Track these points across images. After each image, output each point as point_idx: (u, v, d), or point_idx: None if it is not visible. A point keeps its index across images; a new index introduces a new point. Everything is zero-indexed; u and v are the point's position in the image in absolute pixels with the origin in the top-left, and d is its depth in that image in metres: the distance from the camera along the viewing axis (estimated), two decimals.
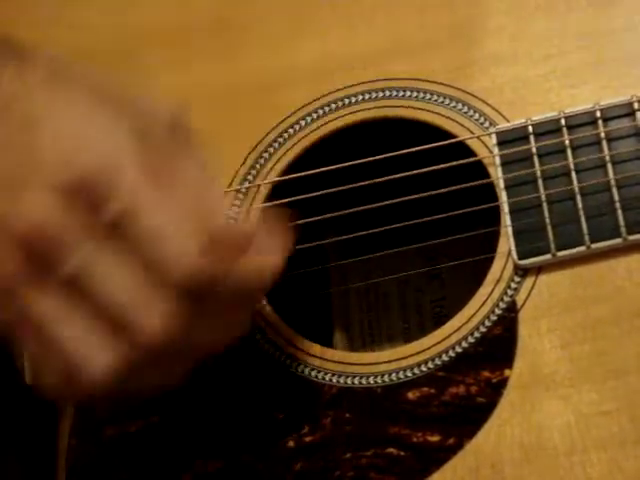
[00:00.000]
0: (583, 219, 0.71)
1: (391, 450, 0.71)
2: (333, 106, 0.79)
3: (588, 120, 0.73)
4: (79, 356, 0.61)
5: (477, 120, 0.76)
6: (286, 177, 0.79)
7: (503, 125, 0.75)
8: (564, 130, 0.73)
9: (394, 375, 0.73)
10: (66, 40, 0.84)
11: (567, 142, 0.73)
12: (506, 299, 0.72)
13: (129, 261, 0.61)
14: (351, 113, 0.79)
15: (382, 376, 0.73)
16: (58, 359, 0.62)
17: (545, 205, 0.72)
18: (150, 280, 0.61)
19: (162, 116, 0.65)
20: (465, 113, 0.77)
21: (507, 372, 0.70)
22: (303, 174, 0.78)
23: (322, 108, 0.79)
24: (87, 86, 0.65)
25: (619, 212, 0.70)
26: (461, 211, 0.75)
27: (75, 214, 0.61)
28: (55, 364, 0.62)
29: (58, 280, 0.61)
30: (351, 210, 0.77)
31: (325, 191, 0.76)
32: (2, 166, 0.62)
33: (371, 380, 0.73)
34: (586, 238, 0.71)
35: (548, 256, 0.71)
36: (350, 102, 0.79)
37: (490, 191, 0.75)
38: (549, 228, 0.71)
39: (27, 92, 0.64)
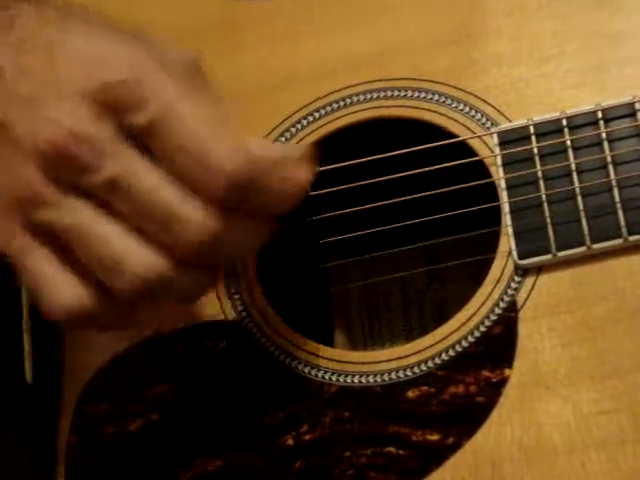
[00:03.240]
0: (584, 219, 0.71)
1: (390, 449, 0.71)
2: (335, 106, 0.80)
3: (589, 121, 0.73)
4: (123, 255, 0.62)
5: (479, 120, 0.76)
6: None
7: (505, 125, 0.75)
8: (565, 131, 0.73)
9: (394, 374, 0.73)
10: None
11: (568, 142, 0.73)
12: (506, 299, 0.72)
13: (167, 164, 0.62)
14: (352, 113, 0.79)
15: (382, 375, 0.73)
16: (98, 262, 0.62)
17: (546, 205, 0.72)
18: (190, 180, 0.62)
19: (179, 55, 0.64)
20: (467, 113, 0.77)
21: (507, 371, 0.70)
22: None
23: (323, 108, 0.79)
24: (103, 22, 0.65)
25: (620, 213, 0.70)
26: (462, 211, 0.75)
27: (106, 120, 0.61)
28: (85, 274, 0.63)
29: (93, 188, 0.61)
30: (352, 209, 0.77)
31: (326, 190, 0.76)
32: (22, 91, 0.62)
33: (371, 379, 0.73)
34: (587, 238, 0.71)
35: (548, 256, 0.71)
36: (352, 102, 0.79)
37: (491, 191, 0.75)
38: (550, 228, 0.72)
39: (44, 25, 0.64)
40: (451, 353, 0.72)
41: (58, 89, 0.62)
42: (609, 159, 0.72)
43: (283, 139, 0.80)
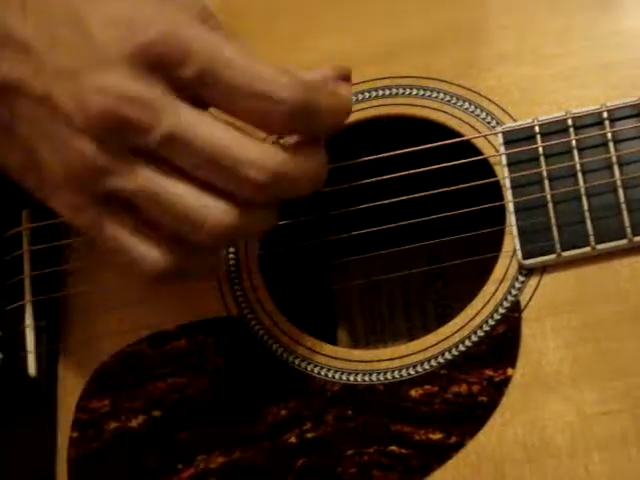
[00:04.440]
0: (588, 220, 0.71)
1: (393, 448, 0.71)
2: None
3: (595, 121, 0.73)
4: (196, 208, 0.63)
5: (484, 119, 0.76)
6: None
7: (510, 124, 0.75)
8: (571, 130, 0.73)
9: (397, 373, 0.72)
10: None
11: (574, 142, 0.73)
12: (510, 298, 0.72)
13: (226, 108, 0.63)
14: (357, 111, 0.79)
15: (385, 373, 0.73)
16: (173, 220, 0.63)
17: (551, 205, 0.72)
18: (252, 122, 0.63)
19: (196, 3, 0.66)
20: (472, 112, 0.77)
21: (510, 371, 0.70)
22: None
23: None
24: None
25: (625, 213, 0.70)
26: (466, 210, 0.75)
27: (151, 79, 0.62)
28: (162, 233, 0.64)
29: (153, 148, 0.62)
30: (355, 208, 0.77)
31: (330, 188, 0.76)
32: (60, 63, 0.63)
33: (374, 377, 0.73)
34: (591, 239, 0.71)
35: (553, 256, 0.71)
36: (356, 100, 0.79)
37: (496, 190, 0.75)
38: (554, 228, 0.71)
39: None
40: (454, 352, 0.72)
41: (96, 57, 0.62)
42: (614, 159, 0.72)
43: None
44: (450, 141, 0.76)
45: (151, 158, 0.63)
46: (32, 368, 0.77)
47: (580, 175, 0.72)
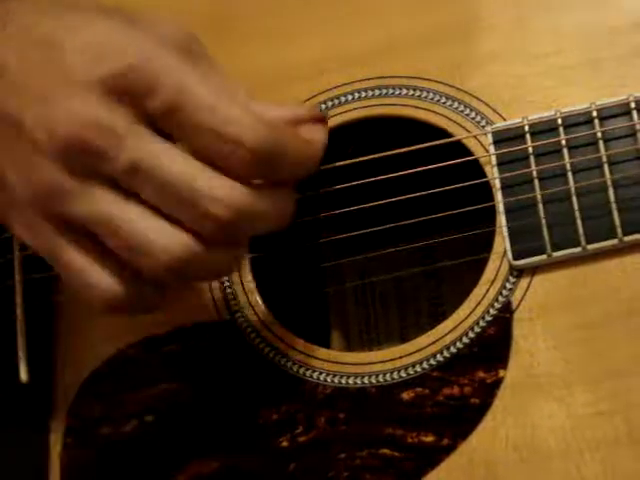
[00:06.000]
0: (579, 220, 0.71)
1: (385, 450, 0.71)
2: (330, 104, 0.79)
3: (585, 119, 0.73)
4: (152, 239, 0.62)
5: (473, 119, 0.76)
6: None
7: (499, 124, 0.75)
8: (560, 129, 0.73)
9: (388, 375, 0.72)
10: None
11: (563, 142, 0.72)
12: (501, 299, 0.72)
13: (188, 143, 0.62)
14: (347, 111, 0.78)
15: (377, 376, 0.73)
16: (128, 250, 0.63)
17: (541, 205, 0.72)
18: (212, 161, 0.62)
19: (175, 30, 0.65)
20: (462, 112, 0.76)
21: (502, 372, 0.70)
22: None
23: (317, 107, 0.79)
24: (102, 10, 0.65)
25: (615, 213, 0.70)
26: (457, 211, 0.74)
27: (119, 107, 0.61)
28: (116, 261, 0.63)
29: (115, 176, 0.62)
30: (347, 209, 0.77)
31: (321, 190, 0.76)
32: (32, 86, 0.63)
33: (365, 380, 0.73)
34: (582, 239, 0.70)
35: (543, 256, 0.71)
36: (346, 100, 0.79)
37: (488, 190, 0.74)
38: (545, 228, 0.71)
39: (41, 17, 0.64)
40: (446, 354, 0.72)
41: (67, 82, 0.62)
42: (604, 158, 0.71)
43: None
44: (440, 141, 0.76)
45: (114, 185, 0.62)
46: (24, 374, 0.77)
47: (570, 175, 0.72)
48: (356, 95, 0.79)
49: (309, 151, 0.67)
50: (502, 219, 0.72)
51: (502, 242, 0.72)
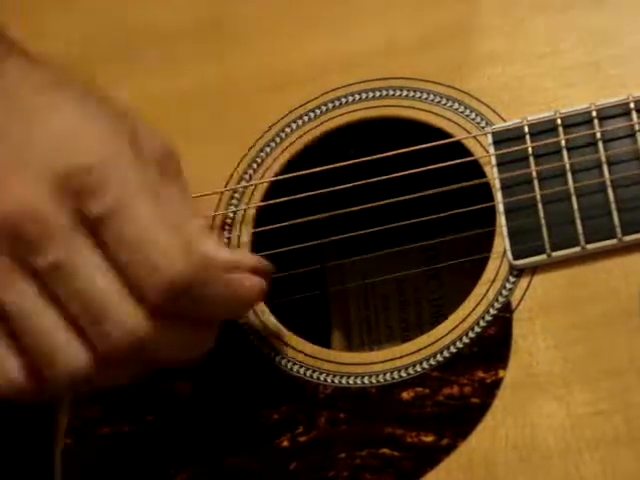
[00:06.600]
0: (578, 220, 0.71)
1: (385, 450, 0.71)
2: (330, 105, 0.79)
3: (584, 120, 0.73)
4: (54, 348, 0.62)
5: (473, 119, 0.76)
6: (281, 177, 0.79)
7: (499, 125, 0.75)
8: (560, 130, 0.73)
9: (389, 375, 0.72)
10: (72, 23, 0.85)
11: (563, 142, 0.72)
12: (501, 299, 0.72)
13: (111, 260, 0.62)
14: (347, 113, 0.79)
15: (377, 376, 0.73)
16: (26, 351, 0.62)
17: (540, 205, 0.72)
18: (129, 281, 0.62)
19: (155, 142, 0.65)
20: (461, 112, 0.76)
21: (501, 372, 0.70)
22: (299, 174, 0.78)
23: (318, 108, 0.79)
24: (94, 98, 0.65)
25: (614, 213, 0.70)
26: (457, 211, 0.74)
27: (64, 204, 0.61)
28: (20, 358, 0.63)
29: (37, 268, 0.61)
30: (348, 209, 0.77)
31: (322, 190, 0.76)
32: None
33: (366, 380, 0.73)
34: (581, 239, 0.70)
35: (543, 256, 0.71)
36: (347, 101, 0.79)
37: (488, 190, 0.75)
38: (544, 228, 0.71)
39: (31, 92, 0.64)
40: (446, 354, 0.72)
41: (28, 163, 0.62)
42: (603, 159, 0.71)
43: (278, 139, 0.79)
44: (440, 142, 0.76)
45: (35, 277, 0.62)
46: None
47: (570, 175, 0.72)
48: (356, 97, 0.79)
49: (236, 296, 0.66)
50: (502, 219, 0.72)
51: (502, 242, 0.72)
